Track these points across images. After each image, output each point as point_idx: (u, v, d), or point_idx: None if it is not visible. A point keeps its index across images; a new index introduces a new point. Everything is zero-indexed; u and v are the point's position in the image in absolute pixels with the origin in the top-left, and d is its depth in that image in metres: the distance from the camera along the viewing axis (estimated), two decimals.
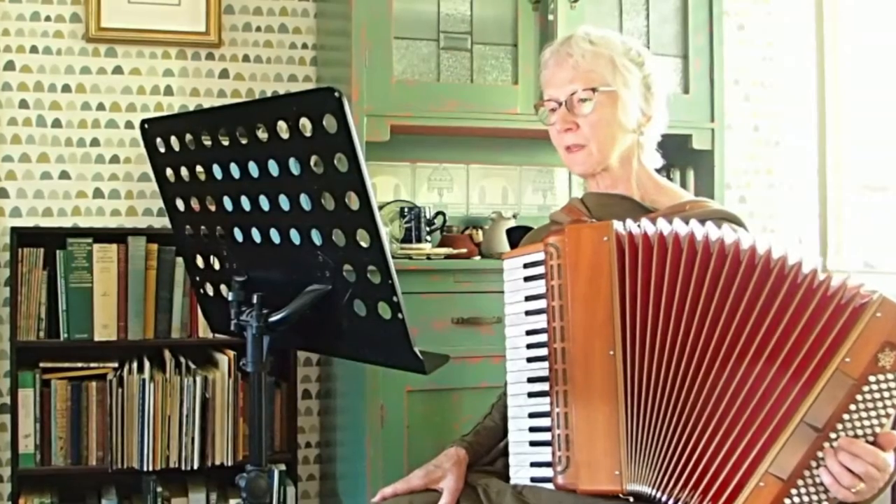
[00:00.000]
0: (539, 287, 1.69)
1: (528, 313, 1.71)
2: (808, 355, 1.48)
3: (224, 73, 3.36)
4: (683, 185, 3.18)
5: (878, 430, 1.45)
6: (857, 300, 1.48)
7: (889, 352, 1.45)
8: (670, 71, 3.15)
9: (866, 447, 1.44)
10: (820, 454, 1.46)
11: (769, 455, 1.48)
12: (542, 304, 1.69)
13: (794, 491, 1.46)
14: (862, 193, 3.61)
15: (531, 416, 1.68)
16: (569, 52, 1.88)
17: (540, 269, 1.70)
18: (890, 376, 1.45)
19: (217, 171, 1.54)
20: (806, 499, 1.46)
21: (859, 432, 1.45)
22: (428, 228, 3.05)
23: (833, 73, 3.69)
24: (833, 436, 1.46)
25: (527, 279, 1.72)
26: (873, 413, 1.45)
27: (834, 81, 3.68)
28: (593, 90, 1.85)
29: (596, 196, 1.95)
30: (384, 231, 1.35)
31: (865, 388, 1.45)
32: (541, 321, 1.68)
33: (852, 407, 1.45)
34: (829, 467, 1.45)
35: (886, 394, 1.45)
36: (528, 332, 1.70)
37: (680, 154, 3.14)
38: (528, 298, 1.71)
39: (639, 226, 1.63)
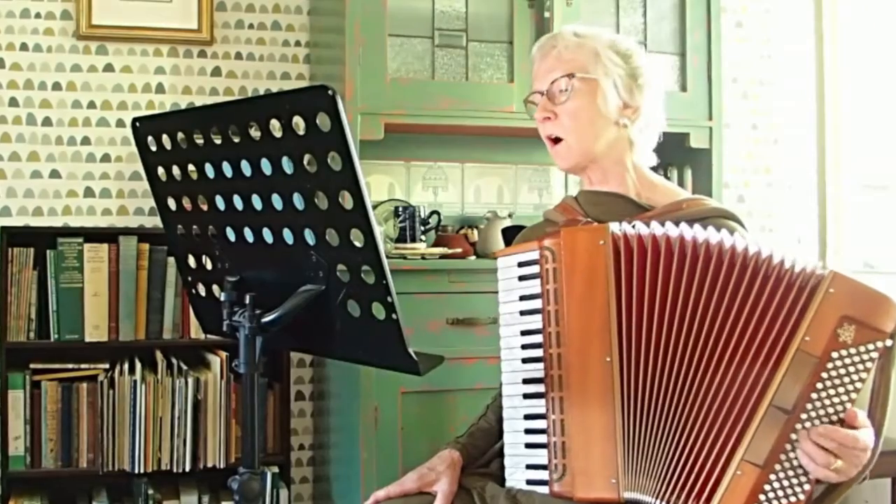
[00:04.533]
0: (533, 287, 1.68)
1: (522, 313, 1.69)
2: (774, 341, 1.50)
3: (216, 71, 3.33)
4: (681, 183, 3.17)
5: (848, 405, 1.46)
6: (813, 280, 1.49)
7: (848, 326, 1.46)
8: (668, 69, 3.14)
9: (832, 427, 1.45)
10: (794, 436, 1.47)
11: (743, 443, 1.49)
12: (536, 303, 1.67)
13: (772, 476, 1.48)
14: (862, 192, 3.60)
15: (526, 417, 1.67)
16: (553, 44, 1.89)
17: (534, 269, 1.68)
18: (853, 350, 1.46)
19: (209, 170, 1.53)
20: (786, 482, 1.48)
21: (829, 409, 1.46)
22: (422, 228, 3.03)
23: (832, 71, 3.68)
24: (804, 416, 1.47)
25: (521, 278, 1.70)
26: (841, 389, 1.46)
27: (833, 79, 3.68)
28: (571, 76, 1.83)
29: (590, 194, 1.93)
30: (378, 231, 1.33)
31: (829, 365, 1.46)
32: (535, 321, 1.67)
33: (819, 385, 1.46)
34: (803, 447, 1.46)
35: (851, 368, 1.46)
36: (523, 333, 1.69)
37: (677, 153, 3.13)
38: (522, 298, 1.69)
39: (633, 227, 1.62)
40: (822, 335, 1.46)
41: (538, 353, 1.65)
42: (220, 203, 1.55)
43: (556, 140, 1.89)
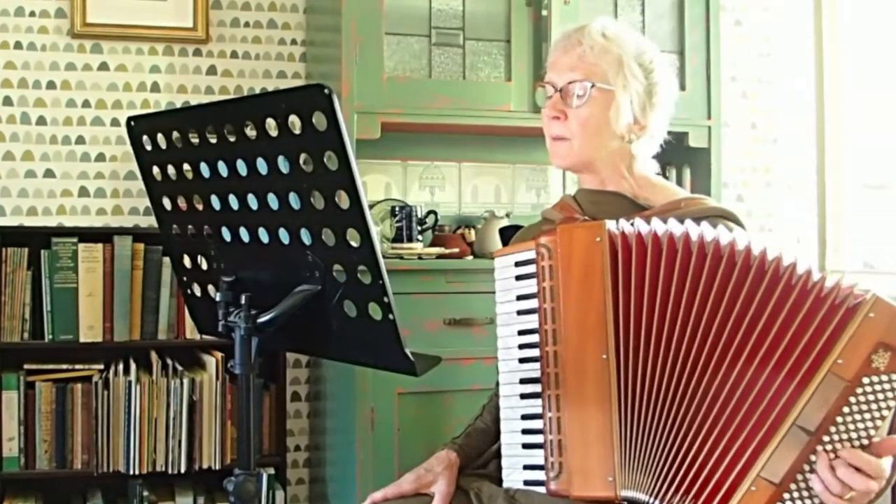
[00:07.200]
0: (531, 286, 1.67)
1: (519, 313, 1.69)
2: (800, 357, 1.46)
3: (212, 70, 3.32)
4: (680, 183, 3.16)
5: (872, 432, 1.43)
6: (851, 300, 1.45)
7: (883, 353, 1.42)
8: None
9: (857, 452, 1.42)
10: (813, 458, 1.44)
11: (761, 458, 1.46)
12: (534, 303, 1.66)
13: (786, 495, 1.45)
14: (861, 192, 3.60)
15: (524, 417, 1.66)
16: (580, 39, 1.84)
17: (531, 268, 1.67)
18: (884, 378, 1.42)
19: (204, 170, 1.52)
20: (799, 503, 1.45)
21: (853, 435, 1.43)
22: (419, 228, 3.02)
23: (832, 70, 3.68)
24: (826, 439, 1.44)
25: (518, 278, 1.69)
26: (867, 416, 1.43)
27: (833, 78, 3.67)
28: (591, 85, 1.81)
29: (589, 193, 1.92)
30: (375, 230, 1.32)
31: (859, 390, 1.43)
32: (533, 321, 1.66)
33: (846, 409, 1.43)
34: (820, 474, 1.43)
35: (881, 395, 1.43)
36: (521, 332, 1.68)
37: (676, 152, 3.10)
38: (519, 298, 1.69)
39: (632, 225, 1.61)
40: (855, 359, 1.43)
41: (536, 352, 1.65)
42: (215, 202, 1.54)
43: (558, 138, 1.87)
